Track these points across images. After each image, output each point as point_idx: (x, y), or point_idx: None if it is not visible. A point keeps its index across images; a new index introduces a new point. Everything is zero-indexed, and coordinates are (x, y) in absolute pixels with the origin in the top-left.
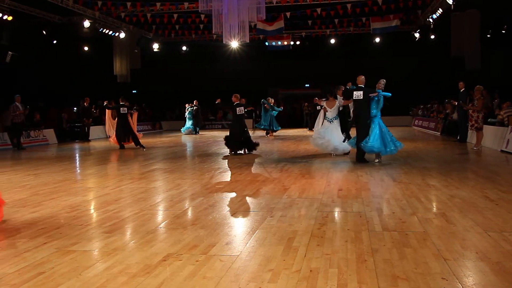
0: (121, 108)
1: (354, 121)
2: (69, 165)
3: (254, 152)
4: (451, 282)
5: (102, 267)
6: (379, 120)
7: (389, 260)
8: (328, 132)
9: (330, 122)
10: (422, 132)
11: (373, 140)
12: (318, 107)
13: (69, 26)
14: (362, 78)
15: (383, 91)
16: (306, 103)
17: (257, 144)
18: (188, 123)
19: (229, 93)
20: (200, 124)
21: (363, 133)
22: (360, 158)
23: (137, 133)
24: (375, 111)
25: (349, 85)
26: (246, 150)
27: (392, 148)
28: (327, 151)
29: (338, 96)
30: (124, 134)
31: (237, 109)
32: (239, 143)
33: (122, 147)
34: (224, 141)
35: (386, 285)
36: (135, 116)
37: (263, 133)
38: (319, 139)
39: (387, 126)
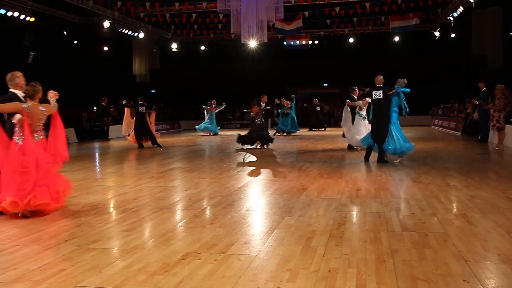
0: (139, 107)
1: (372, 122)
2: (89, 163)
3: (269, 146)
4: (473, 284)
5: (121, 265)
6: (397, 120)
7: (408, 261)
8: (357, 127)
9: (365, 118)
10: (442, 132)
11: (402, 140)
12: (318, 108)
13: (89, 27)
14: (380, 78)
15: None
16: (305, 104)
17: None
18: (208, 122)
19: (248, 93)
20: (219, 124)
21: (384, 134)
22: (380, 158)
23: (154, 133)
24: (396, 108)
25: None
26: (262, 145)
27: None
28: (351, 143)
29: (354, 97)
30: (142, 133)
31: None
32: (261, 138)
33: (141, 146)
34: (244, 139)
35: (405, 286)
36: (153, 115)
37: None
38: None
39: (406, 126)
